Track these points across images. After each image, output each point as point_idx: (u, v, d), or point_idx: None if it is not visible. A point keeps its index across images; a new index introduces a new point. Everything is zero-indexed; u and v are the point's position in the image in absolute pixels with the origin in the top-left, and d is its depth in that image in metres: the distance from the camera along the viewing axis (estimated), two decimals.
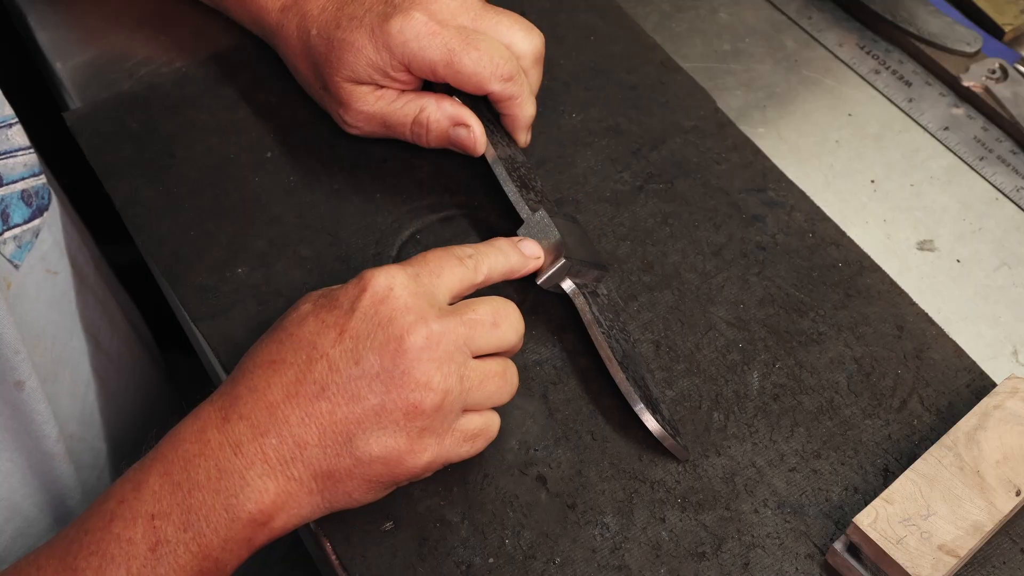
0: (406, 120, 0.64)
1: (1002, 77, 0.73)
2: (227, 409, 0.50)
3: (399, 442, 0.50)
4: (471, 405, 0.53)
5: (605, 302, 0.61)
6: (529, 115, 0.65)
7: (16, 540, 0.66)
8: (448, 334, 0.51)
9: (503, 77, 0.62)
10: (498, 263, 0.57)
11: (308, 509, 0.51)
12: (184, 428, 0.50)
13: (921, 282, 0.65)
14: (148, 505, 0.48)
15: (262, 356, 0.51)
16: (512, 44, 0.63)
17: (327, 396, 0.49)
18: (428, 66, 0.62)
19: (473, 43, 0.61)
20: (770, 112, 0.73)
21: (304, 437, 0.49)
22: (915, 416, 0.59)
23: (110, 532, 0.48)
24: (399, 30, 0.61)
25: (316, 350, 0.50)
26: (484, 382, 0.52)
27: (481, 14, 0.63)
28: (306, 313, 0.52)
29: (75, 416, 0.71)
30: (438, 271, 0.53)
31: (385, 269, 0.52)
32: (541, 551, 0.54)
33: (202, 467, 0.49)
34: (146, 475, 0.49)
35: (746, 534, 0.55)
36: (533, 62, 0.64)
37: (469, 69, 0.61)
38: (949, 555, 0.51)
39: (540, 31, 0.65)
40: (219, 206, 0.65)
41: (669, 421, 0.57)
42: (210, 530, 0.48)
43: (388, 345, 0.50)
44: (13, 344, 0.60)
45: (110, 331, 0.75)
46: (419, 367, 0.50)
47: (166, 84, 0.70)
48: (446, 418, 0.51)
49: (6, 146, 0.61)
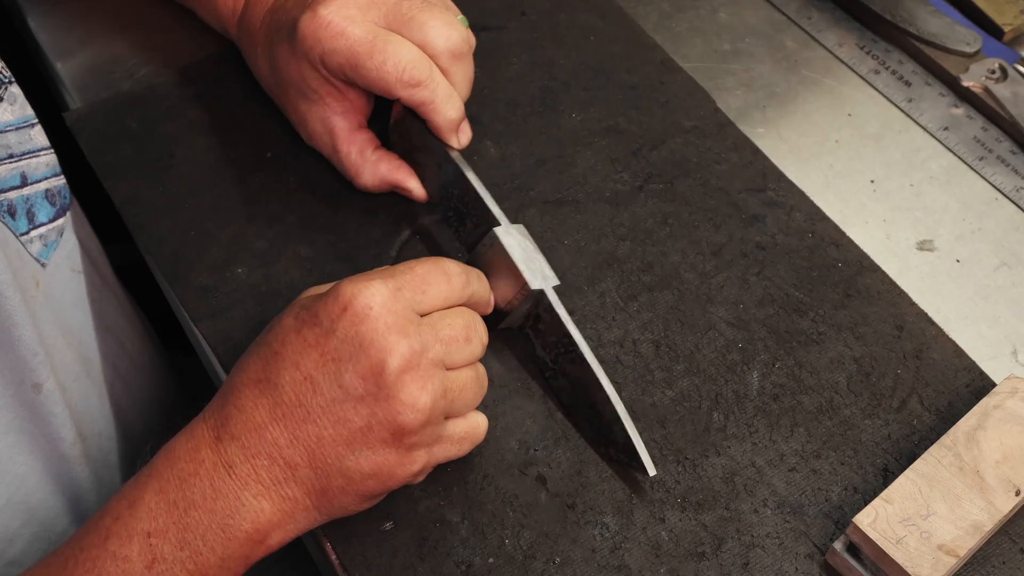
0: (345, 174, 0.64)
1: (1002, 77, 0.73)
2: (219, 428, 0.50)
3: (389, 458, 0.50)
4: (453, 413, 0.53)
5: (551, 319, 0.57)
6: (450, 119, 0.60)
7: (32, 544, 0.66)
8: (427, 352, 0.50)
9: (409, 83, 0.58)
10: (482, 290, 0.56)
11: (304, 523, 0.51)
12: (178, 446, 0.50)
13: (921, 282, 0.65)
14: (144, 523, 0.48)
15: (248, 374, 0.50)
16: (427, 42, 0.58)
17: (312, 419, 0.49)
18: (338, 69, 0.59)
19: (377, 46, 0.57)
20: (770, 112, 0.73)
21: (294, 459, 0.49)
22: (915, 416, 0.59)
23: (106, 550, 0.48)
24: (303, 33, 0.58)
25: (299, 371, 0.49)
26: (463, 391, 0.52)
27: (395, 10, 0.58)
28: (288, 329, 0.50)
29: (97, 416, 0.71)
30: (423, 286, 0.52)
31: (366, 283, 0.50)
32: (541, 551, 0.54)
33: (197, 487, 0.49)
34: (141, 492, 0.49)
35: (746, 534, 0.55)
36: (451, 59, 0.59)
37: (373, 75, 0.58)
38: (949, 555, 0.51)
39: (463, 26, 0.60)
40: (219, 206, 0.65)
41: (624, 447, 0.55)
42: (207, 549, 0.48)
43: (370, 367, 0.49)
44: (32, 346, 0.60)
45: (130, 330, 0.75)
46: (404, 388, 0.49)
47: (166, 84, 0.70)
48: (433, 430, 0.51)
49: (29, 146, 0.61)
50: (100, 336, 0.70)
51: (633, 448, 0.54)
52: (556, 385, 0.58)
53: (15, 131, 0.60)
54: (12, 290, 0.57)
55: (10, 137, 0.60)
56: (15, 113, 0.60)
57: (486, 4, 0.69)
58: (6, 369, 0.60)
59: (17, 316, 0.58)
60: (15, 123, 0.60)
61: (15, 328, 0.58)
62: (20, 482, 0.64)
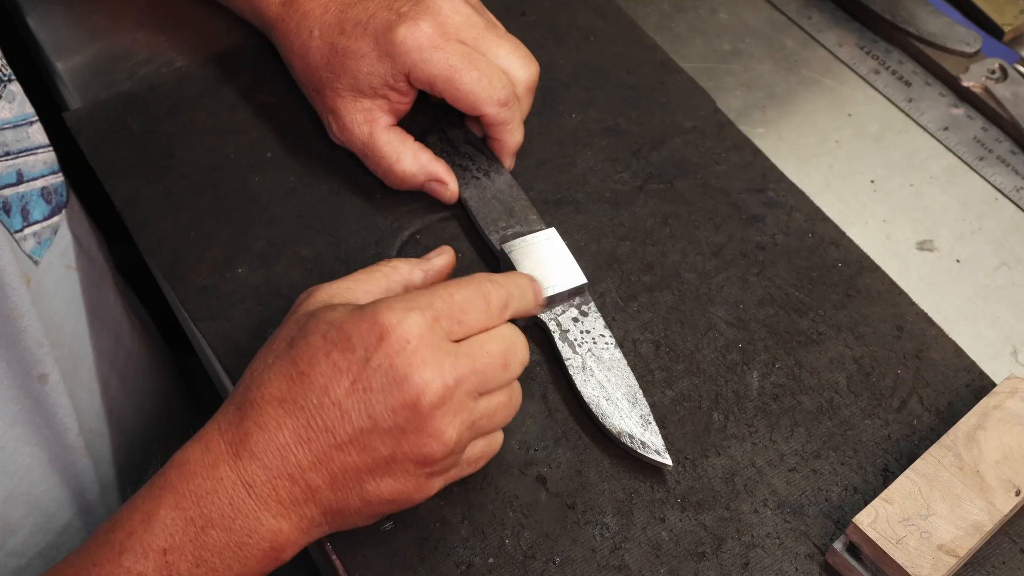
0: (381, 162, 0.64)
1: (1002, 77, 0.73)
2: (238, 445, 0.49)
3: (408, 485, 0.50)
4: (478, 435, 0.53)
5: (582, 316, 0.60)
6: (517, 141, 0.65)
7: (35, 535, 0.66)
8: (462, 384, 0.49)
9: (499, 101, 0.62)
10: (521, 307, 0.55)
11: (316, 536, 0.51)
12: (193, 458, 0.49)
13: (921, 282, 0.65)
14: (160, 539, 0.48)
15: (270, 390, 0.49)
16: (509, 70, 0.63)
17: (339, 445, 0.49)
18: (427, 79, 0.62)
19: (475, 63, 0.61)
20: (770, 112, 0.73)
21: (316, 481, 0.49)
22: (915, 416, 0.59)
23: (120, 565, 0.48)
24: (403, 39, 0.61)
25: (328, 396, 0.48)
26: (492, 417, 0.52)
27: (484, 34, 0.63)
28: (316, 349, 0.49)
29: (95, 411, 0.71)
30: (461, 316, 0.51)
31: (405, 312, 0.49)
32: (541, 551, 0.54)
33: (215, 504, 0.48)
34: (156, 507, 0.48)
35: (746, 534, 0.55)
36: (527, 90, 0.64)
37: (467, 88, 0.61)
38: (949, 555, 0.51)
39: (537, 62, 0.65)
40: (219, 206, 0.65)
41: (641, 442, 0.56)
42: (223, 567, 0.48)
43: (403, 401, 0.48)
44: (37, 337, 0.60)
45: (129, 326, 0.75)
46: (433, 422, 0.49)
47: (166, 84, 0.70)
48: (455, 460, 0.51)
49: (27, 143, 0.61)
50: (95, 333, 0.70)
51: (658, 437, 0.56)
52: (576, 374, 0.58)
53: (12, 129, 0.60)
54: (18, 281, 0.57)
55: (7, 135, 0.60)
56: (13, 111, 0.60)
57: (486, 4, 0.70)
58: (13, 360, 0.60)
59: (22, 307, 0.58)
60: (12, 121, 0.60)
61: (21, 319, 0.59)
62: (24, 473, 0.64)
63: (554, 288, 0.60)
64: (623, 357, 0.59)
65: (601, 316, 0.60)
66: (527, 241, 0.62)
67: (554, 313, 0.60)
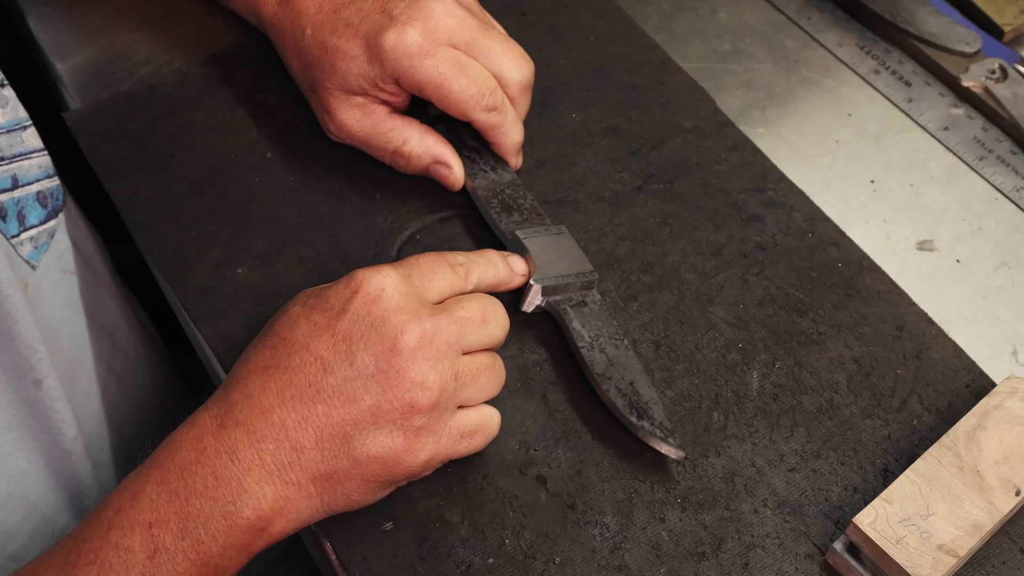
0: (388, 146, 0.65)
1: (1002, 77, 0.73)
2: (222, 416, 0.50)
3: (396, 441, 0.50)
4: (465, 400, 0.53)
5: (595, 308, 0.60)
6: (514, 142, 0.65)
7: (34, 539, 0.66)
8: (441, 332, 0.51)
9: (487, 107, 0.62)
10: (487, 273, 0.58)
11: (307, 513, 0.51)
12: (180, 436, 0.50)
13: (921, 282, 0.65)
14: (145, 513, 0.48)
15: (255, 362, 0.51)
16: (501, 72, 0.63)
17: (322, 399, 0.49)
18: (417, 86, 0.62)
19: (464, 70, 0.61)
20: (770, 112, 0.73)
21: (301, 441, 0.49)
22: (915, 416, 0.59)
23: (108, 541, 0.48)
24: (393, 46, 0.61)
25: (309, 352, 0.50)
26: (476, 377, 0.53)
27: (476, 37, 0.63)
28: (296, 316, 0.52)
29: (93, 414, 0.71)
30: (429, 275, 0.54)
31: (376, 269, 0.52)
32: (541, 551, 0.54)
33: (199, 474, 0.49)
34: (143, 483, 0.49)
35: (746, 534, 0.55)
36: (521, 91, 0.64)
37: (456, 96, 0.62)
38: (949, 555, 0.51)
39: (531, 59, 0.65)
40: (219, 206, 0.65)
41: (660, 424, 0.56)
42: (208, 537, 0.48)
43: (382, 345, 0.50)
44: (31, 343, 0.60)
45: (127, 329, 0.75)
46: (414, 366, 0.50)
47: (166, 84, 0.70)
48: (442, 415, 0.51)
49: (21, 148, 0.61)
50: (93, 335, 0.70)
51: (669, 426, 0.56)
52: (590, 357, 0.58)
53: (6, 134, 0.60)
54: (13, 287, 0.57)
55: (1, 140, 0.60)
56: (6, 116, 0.60)
57: (486, 5, 0.69)
58: (7, 366, 0.60)
59: (17, 313, 0.58)
60: (6, 126, 0.60)
61: (15, 325, 0.59)
62: (21, 478, 0.64)
63: (563, 273, 0.60)
64: (635, 354, 0.59)
65: (609, 313, 0.60)
66: (539, 231, 0.62)
67: (565, 299, 0.60)
